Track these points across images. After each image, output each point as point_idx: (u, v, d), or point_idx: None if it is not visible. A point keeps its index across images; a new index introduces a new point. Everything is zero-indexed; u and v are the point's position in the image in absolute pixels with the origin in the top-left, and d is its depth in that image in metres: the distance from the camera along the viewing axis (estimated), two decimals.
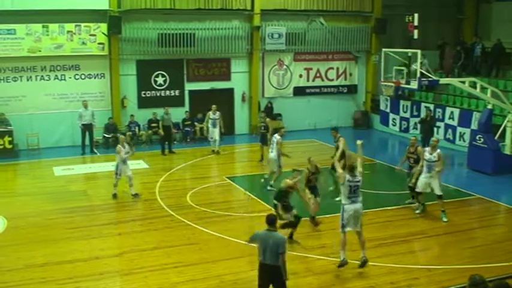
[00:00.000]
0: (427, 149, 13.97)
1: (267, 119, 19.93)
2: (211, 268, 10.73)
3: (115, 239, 12.69)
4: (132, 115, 22.52)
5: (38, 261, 11.05)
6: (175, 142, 22.30)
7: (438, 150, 13.70)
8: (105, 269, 10.82)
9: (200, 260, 11.14)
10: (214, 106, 20.70)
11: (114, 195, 15.41)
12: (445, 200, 14.96)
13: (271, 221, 8.71)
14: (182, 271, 10.62)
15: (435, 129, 20.89)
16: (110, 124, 22.02)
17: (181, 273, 10.52)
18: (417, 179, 13.88)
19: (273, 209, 12.05)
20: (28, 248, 11.83)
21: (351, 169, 10.64)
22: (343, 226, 10.56)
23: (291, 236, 11.77)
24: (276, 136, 16.35)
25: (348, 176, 10.52)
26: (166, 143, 21.24)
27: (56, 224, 13.42)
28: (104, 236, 12.70)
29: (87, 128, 21.09)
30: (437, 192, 13.65)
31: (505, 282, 5.95)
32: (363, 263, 10.50)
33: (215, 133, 20.58)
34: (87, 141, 21.25)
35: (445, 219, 13.49)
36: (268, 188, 15.74)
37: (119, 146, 15.48)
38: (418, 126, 22.26)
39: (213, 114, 20.56)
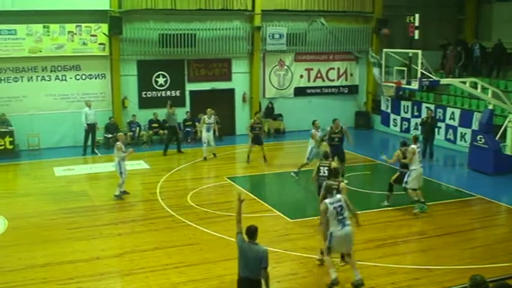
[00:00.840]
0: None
1: (262, 120, 19.82)
2: (212, 268, 10.73)
3: (116, 239, 12.69)
4: (134, 115, 22.54)
5: (39, 262, 11.07)
6: (175, 143, 22.28)
7: (411, 146, 14.08)
8: (106, 269, 10.83)
9: (201, 261, 11.14)
10: (210, 110, 20.13)
11: (125, 192, 15.54)
12: (446, 201, 15.15)
13: (251, 233, 7.90)
14: (183, 271, 10.63)
15: (436, 129, 20.82)
16: (110, 124, 22.01)
17: (182, 274, 10.53)
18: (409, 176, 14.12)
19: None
20: (29, 248, 11.84)
21: (329, 190, 10.07)
22: (329, 249, 9.80)
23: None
24: (312, 130, 17.49)
25: (327, 200, 9.82)
26: (175, 142, 21.21)
27: (57, 224, 13.43)
28: (104, 236, 12.71)
29: (91, 128, 21.11)
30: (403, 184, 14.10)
31: (506, 282, 5.96)
32: (359, 285, 9.77)
33: (210, 137, 20.00)
34: (89, 142, 21.25)
35: (415, 211, 13.86)
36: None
37: (120, 143, 15.29)
38: (419, 127, 22.25)
39: (208, 119, 19.96)
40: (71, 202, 15.01)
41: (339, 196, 9.91)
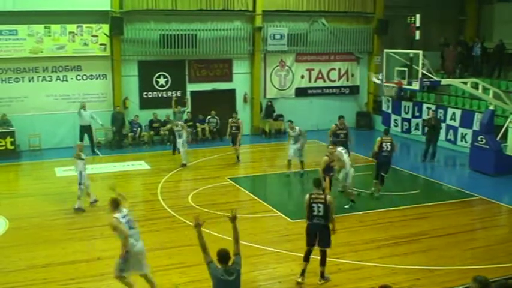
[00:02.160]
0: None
1: (239, 120, 19.74)
2: None
3: (117, 239, 12.53)
4: (136, 115, 22.55)
5: (40, 262, 11.07)
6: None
7: (337, 150, 14.65)
8: (106, 269, 10.80)
9: (202, 261, 10.94)
10: (173, 121, 19.74)
11: (79, 209, 14.21)
12: (447, 201, 15.16)
13: (223, 257, 7.18)
14: (184, 272, 10.63)
15: (439, 130, 20.66)
16: (117, 113, 21.91)
17: (183, 274, 10.53)
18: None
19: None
20: (30, 248, 11.84)
21: (114, 204, 9.21)
22: (122, 270, 9.14)
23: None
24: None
25: (118, 214, 9.11)
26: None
27: (58, 224, 13.43)
28: (105, 236, 12.66)
29: (86, 129, 21.03)
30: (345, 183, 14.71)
31: (508, 282, 5.96)
32: None
33: (180, 145, 19.14)
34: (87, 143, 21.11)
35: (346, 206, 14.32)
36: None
37: (78, 152, 14.56)
38: (421, 128, 22.25)
39: (176, 127, 19.23)
40: (72, 202, 14.94)
41: (125, 210, 9.27)
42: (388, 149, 15.30)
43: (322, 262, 10.16)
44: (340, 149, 14.78)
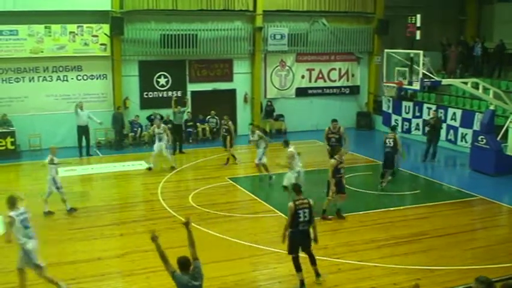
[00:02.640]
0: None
1: (230, 122, 19.74)
2: (213, 269, 10.66)
3: (117, 239, 12.69)
4: (137, 115, 22.56)
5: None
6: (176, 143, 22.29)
7: (289, 149, 15.05)
8: (107, 269, 10.83)
9: (202, 261, 10.84)
10: (158, 121, 19.43)
11: (71, 210, 14.27)
12: (448, 201, 15.17)
13: (183, 264, 7.42)
14: None
15: (440, 130, 20.64)
16: (118, 113, 21.90)
17: None
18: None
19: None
20: None
21: (11, 202, 9.39)
22: (38, 266, 9.59)
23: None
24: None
25: (13, 213, 9.32)
26: (177, 143, 21.11)
27: (58, 225, 13.44)
28: (106, 236, 12.71)
29: (83, 130, 20.96)
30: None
31: (509, 282, 5.96)
32: None
33: (162, 147, 18.70)
34: (84, 143, 21.11)
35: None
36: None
37: (51, 156, 14.37)
38: (421, 128, 22.19)
39: (158, 128, 18.75)
40: (73, 203, 14.94)
41: (22, 208, 9.49)
42: (391, 145, 16.08)
43: (313, 262, 10.14)
44: (292, 148, 15.05)
